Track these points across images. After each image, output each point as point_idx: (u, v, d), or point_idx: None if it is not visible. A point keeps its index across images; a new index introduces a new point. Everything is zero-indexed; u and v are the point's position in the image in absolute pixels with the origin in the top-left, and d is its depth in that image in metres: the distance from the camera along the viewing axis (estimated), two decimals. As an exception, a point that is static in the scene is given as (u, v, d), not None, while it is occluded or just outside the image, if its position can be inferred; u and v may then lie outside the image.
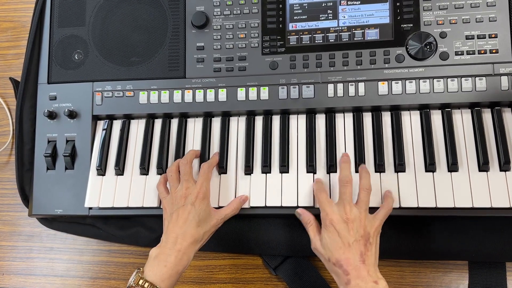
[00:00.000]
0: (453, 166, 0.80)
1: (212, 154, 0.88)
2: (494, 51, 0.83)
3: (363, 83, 0.86)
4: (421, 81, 0.84)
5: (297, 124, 0.89)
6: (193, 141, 0.90)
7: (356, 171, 0.83)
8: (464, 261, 0.86)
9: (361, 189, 0.78)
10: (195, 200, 0.78)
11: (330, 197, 0.81)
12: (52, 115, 0.93)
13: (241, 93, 0.89)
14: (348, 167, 0.81)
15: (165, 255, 0.74)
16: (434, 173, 0.81)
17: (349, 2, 0.88)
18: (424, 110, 0.85)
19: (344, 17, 0.88)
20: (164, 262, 0.73)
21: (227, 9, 0.91)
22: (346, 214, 0.74)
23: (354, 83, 0.86)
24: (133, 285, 0.72)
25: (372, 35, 0.87)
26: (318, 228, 0.77)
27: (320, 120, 0.88)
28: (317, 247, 0.76)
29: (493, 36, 0.84)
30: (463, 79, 0.83)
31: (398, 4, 0.87)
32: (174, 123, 0.92)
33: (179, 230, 0.76)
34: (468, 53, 0.84)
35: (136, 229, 0.92)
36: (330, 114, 0.88)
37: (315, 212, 0.80)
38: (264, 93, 0.88)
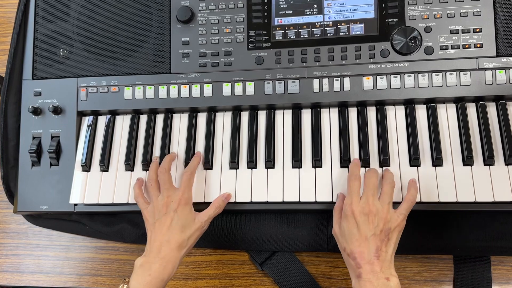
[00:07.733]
0: (437, 160, 0.80)
1: (195, 154, 0.87)
2: (478, 46, 0.83)
3: (348, 78, 0.86)
4: (406, 75, 0.84)
5: (283, 119, 0.88)
6: (179, 137, 0.90)
7: (341, 167, 0.83)
8: (449, 255, 0.86)
9: (385, 182, 0.77)
10: (177, 207, 0.78)
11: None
12: (36, 111, 0.92)
13: (226, 89, 0.89)
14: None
15: (149, 263, 0.74)
16: (419, 167, 0.81)
17: (334, -3, 0.88)
18: (409, 105, 0.85)
19: (330, 12, 0.88)
20: (148, 271, 0.73)
21: (212, 4, 0.91)
22: (368, 206, 0.73)
23: (339, 78, 0.86)
24: None
25: (357, 30, 0.87)
26: (341, 214, 0.77)
27: (306, 115, 0.88)
28: (336, 233, 0.76)
29: (477, 30, 0.83)
30: (447, 73, 0.83)
31: (383, -2, 0.87)
32: (160, 118, 0.92)
33: (163, 238, 0.76)
34: (452, 47, 0.84)
35: (122, 226, 0.92)
36: (316, 109, 0.87)
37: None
38: (250, 88, 0.88)
